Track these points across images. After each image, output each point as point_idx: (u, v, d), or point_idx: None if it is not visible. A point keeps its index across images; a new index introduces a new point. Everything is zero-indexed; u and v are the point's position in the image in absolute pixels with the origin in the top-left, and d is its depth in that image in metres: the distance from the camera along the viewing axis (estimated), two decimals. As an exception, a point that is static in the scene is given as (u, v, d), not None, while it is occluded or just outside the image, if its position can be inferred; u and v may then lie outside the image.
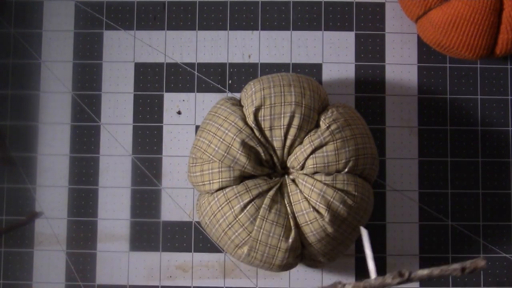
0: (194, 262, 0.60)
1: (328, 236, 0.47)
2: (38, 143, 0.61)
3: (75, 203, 0.61)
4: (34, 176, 0.61)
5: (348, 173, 0.49)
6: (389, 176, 0.60)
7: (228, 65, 0.61)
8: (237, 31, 0.62)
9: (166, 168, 0.60)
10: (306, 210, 0.47)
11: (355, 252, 0.59)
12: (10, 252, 0.60)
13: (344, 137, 0.48)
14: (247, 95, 0.50)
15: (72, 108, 0.62)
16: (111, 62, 0.62)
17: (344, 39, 0.61)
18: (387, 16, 0.62)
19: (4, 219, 0.61)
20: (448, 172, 0.60)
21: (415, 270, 0.37)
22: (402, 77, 0.61)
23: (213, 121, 0.50)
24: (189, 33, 0.62)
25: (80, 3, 0.63)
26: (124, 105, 0.61)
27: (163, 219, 0.60)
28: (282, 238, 0.47)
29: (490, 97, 0.61)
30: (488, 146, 0.60)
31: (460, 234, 0.59)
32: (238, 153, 0.48)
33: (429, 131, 0.60)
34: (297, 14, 0.62)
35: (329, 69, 0.61)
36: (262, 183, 0.48)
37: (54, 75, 0.62)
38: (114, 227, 0.60)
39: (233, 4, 0.62)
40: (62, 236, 0.60)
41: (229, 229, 0.48)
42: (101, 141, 0.61)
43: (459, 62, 0.61)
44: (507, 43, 0.53)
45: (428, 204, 0.60)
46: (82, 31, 0.62)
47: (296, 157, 0.48)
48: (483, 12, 0.51)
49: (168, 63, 0.62)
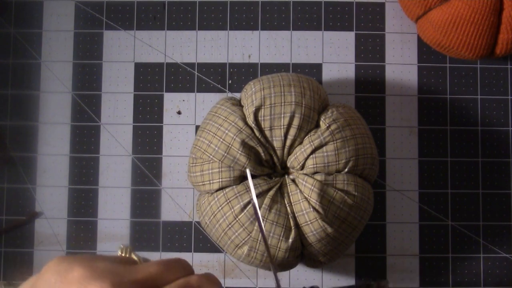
0: (194, 262, 0.59)
1: (328, 236, 0.47)
2: (38, 143, 0.61)
3: (75, 203, 0.61)
4: (34, 176, 0.61)
5: (348, 173, 0.49)
6: (389, 176, 0.60)
7: (228, 65, 0.61)
8: (237, 31, 0.62)
9: (166, 168, 0.60)
10: (306, 210, 0.47)
11: (355, 252, 0.59)
12: (10, 252, 0.60)
13: (344, 137, 0.48)
14: (247, 95, 0.50)
15: (72, 108, 0.62)
16: (111, 62, 0.62)
17: (344, 39, 0.61)
18: (387, 16, 0.62)
19: (4, 219, 0.61)
20: (448, 172, 0.60)
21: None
22: (402, 77, 0.61)
23: (213, 121, 0.50)
24: (189, 33, 0.62)
25: (80, 3, 0.63)
26: (124, 105, 0.61)
27: (163, 219, 0.60)
28: (282, 238, 0.47)
29: (490, 97, 0.61)
30: (488, 146, 0.60)
31: (460, 234, 0.59)
32: (238, 153, 0.48)
33: (429, 131, 0.60)
34: (297, 14, 0.62)
35: (329, 69, 0.61)
36: (262, 183, 0.48)
37: (54, 75, 0.62)
38: (114, 227, 0.60)
39: (233, 4, 0.62)
40: (62, 236, 0.60)
41: (229, 229, 0.48)
42: (101, 141, 0.61)
43: (459, 62, 0.61)
44: (507, 43, 0.53)
45: (428, 204, 0.60)
46: (82, 31, 0.62)
47: (296, 157, 0.48)
48: (483, 12, 0.51)
49: (168, 63, 0.62)
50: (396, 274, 0.59)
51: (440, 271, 0.59)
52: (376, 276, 0.59)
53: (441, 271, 0.59)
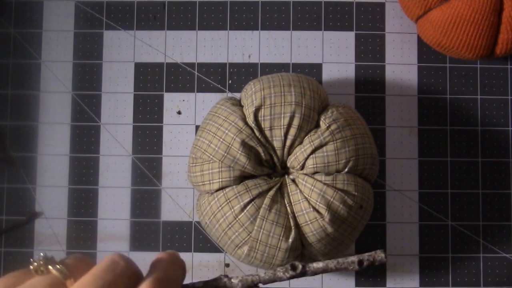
0: (194, 262, 0.60)
1: (328, 236, 0.47)
2: (38, 143, 0.61)
3: (75, 203, 0.61)
4: (34, 176, 0.61)
5: (348, 173, 0.49)
6: (389, 176, 0.60)
7: (228, 65, 0.61)
8: (237, 31, 0.62)
9: (166, 168, 0.60)
10: (306, 210, 0.47)
11: (355, 252, 0.59)
12: (10, 252, 0.60)
13: (344, 137, 0.48)
14: (247, 95, 0.50)
15: (72, 108, 0.62)
16: (111, 62, 0.62)
17: (344, 39, 0.61)
18: (387, 16, 0.62)
19: (4, 219, 0.61)
20: (448, 172, 0.60)
21: (310, 263, 0.36)
22: (402, 77, 0.61)
23: (213, 121, 0.50)
24: (189, 33, 0.62)
25: (80, 3, 0.63)
26: (124, 105, 0.61)
27: (163, 219, 0.60)
28: (282, 238, 0.47)
29: (490, 97, 0.61)
30: (488, 146, 0.60)
31: (460, 234, 0.59)
32: (238, 153, 0.48)
33: (429, 131, 0.60)
34: (297, 14, 0.62)
35: (329, 69, 0.61)
36: (262, 183, 0.48)
37: (54, 75, 0.62)
38: (114, 227, 0.60)
39: (233, 4, 0.62)
40: (62, 236, 0.60)
41: (229, 229, 0.48)
42: (101, 141, 0.61)
43: (459, 62, 0.61)
44: (507, 43, 0.53)
45: (428, 204, 0.60)
46: (82, 31, 0.62)
47: (296, 157, 0.48)
48: (483, 12, 0.51)
49: (168, 63, 0.62)
50: (396, 274, 0.59)
51: (440, 271, 0.59)
52: (376, 276, 0.59)
53: (441, 271, 0.59)
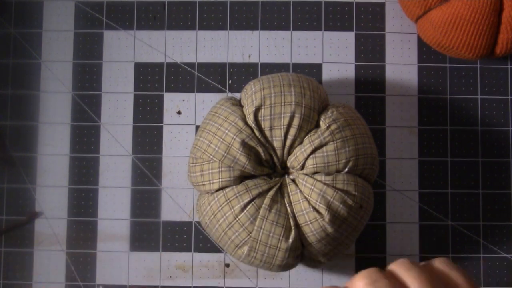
0: (194, 262, 0.60)
1: (328, 236, 0.47)
2: (38, 143, 0.61)
3: (75, 203, 0.61)
4: (34, 176, 0.61)
5: (348, 173, 0.49)
6: (389, 176, 0.60)
7: (228, 65, 0.61)
8: (237, 31, 0.62)
9: (166, 168, 0.60)
10: (306, 210, 0.47)
11: (355, 252, 0.59)
12: (10, 252, 0.60)
13: (344, 137, 0.48)
14: (247, 95, 0.50)
15: (72, 108, 0.62)
16: (111, 62, 0.62)
17: (344, 39, 0.61)
18: (387, 16, 0.62)
19: (4, 219, 0.61)
20: (448, 172, 0.60)
21: None
22: (402, 77, 0.61)
23: (213, 121, 0.50)
24: (189, 33, 0.62)
25: (80, 3, 0.63)
26: (124, 105, 0.61)
27: (163, 219, 0.60)
28: (282, 238, 0.47)
29: (490, 97, 0.61)
30: (488, 146, 0.60)
31: (460, 234, 0.59)
32: (238, 153, 0.48)
33: (429, 131, 0.60)
34: (297, 14, 0.62)
35: (329, 69, 0.61)
36: (262, 183, 0.48)
37: (54, 75, 0.62)
38: (114, 227, 0.60)
39: (233, 4, 0.62)
40: (62, 236, 0.60)
41: (229, 229, 0.48)
42: (101, 141, 0.61)
43: (459, 62, 0.61)
44: (507, 43, 0.53)
45: (428, 204, 0.60)
46: (82, 31, 0.62)
47: (296, 157, 0.48)
48: (483, 12, 0.51)
49: (168, 63, 0.62)
50: (396, 274, 0.59)
51: (440, 271, 0.59)
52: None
53: (441, 271, 0.59)
